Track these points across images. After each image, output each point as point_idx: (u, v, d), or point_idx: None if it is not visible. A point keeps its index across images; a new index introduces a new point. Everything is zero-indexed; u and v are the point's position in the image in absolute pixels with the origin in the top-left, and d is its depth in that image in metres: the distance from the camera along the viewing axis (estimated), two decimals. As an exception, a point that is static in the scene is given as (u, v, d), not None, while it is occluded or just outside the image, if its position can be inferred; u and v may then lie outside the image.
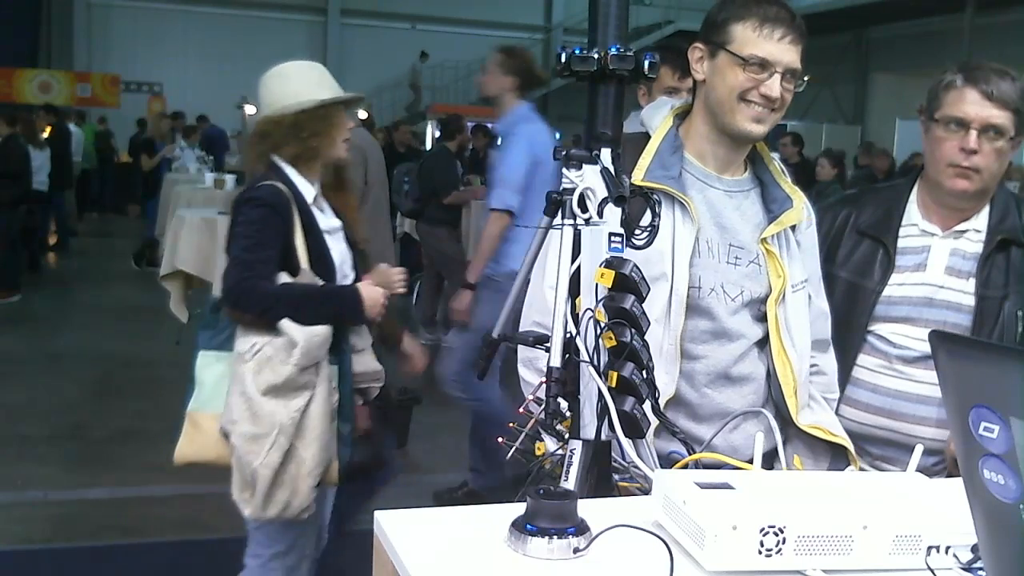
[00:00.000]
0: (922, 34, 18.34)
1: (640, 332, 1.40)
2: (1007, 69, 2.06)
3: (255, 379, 2.39)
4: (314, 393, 2.41)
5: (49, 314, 8.91)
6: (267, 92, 2.65)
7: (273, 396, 2.38)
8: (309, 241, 2.51)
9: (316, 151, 2.57)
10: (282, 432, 2.37)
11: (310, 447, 2.39)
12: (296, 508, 2.42)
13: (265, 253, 2.46)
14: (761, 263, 1.84)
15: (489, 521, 1.25)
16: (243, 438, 2.40)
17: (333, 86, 2.65)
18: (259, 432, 2.38)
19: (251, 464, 2.38)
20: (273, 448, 2.37)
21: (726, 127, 1.80)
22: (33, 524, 4.17)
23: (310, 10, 24.17)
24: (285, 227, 2.48)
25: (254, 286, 2.43)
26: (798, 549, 1.16)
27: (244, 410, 2.40)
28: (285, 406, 2.38)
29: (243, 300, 2.44)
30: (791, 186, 1.91)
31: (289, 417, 2.37)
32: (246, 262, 2.46)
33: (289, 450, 2.38)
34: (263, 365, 2.39)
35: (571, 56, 1.47)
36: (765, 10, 1.76)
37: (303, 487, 2.40)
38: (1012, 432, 0.83)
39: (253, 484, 2.40)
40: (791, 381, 1.84)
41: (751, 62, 1.75)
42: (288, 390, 2.39)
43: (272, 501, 2.40)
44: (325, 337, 2.42)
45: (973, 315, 2.09)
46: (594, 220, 1.42)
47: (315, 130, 2.56)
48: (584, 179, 1.43)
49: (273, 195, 2.50)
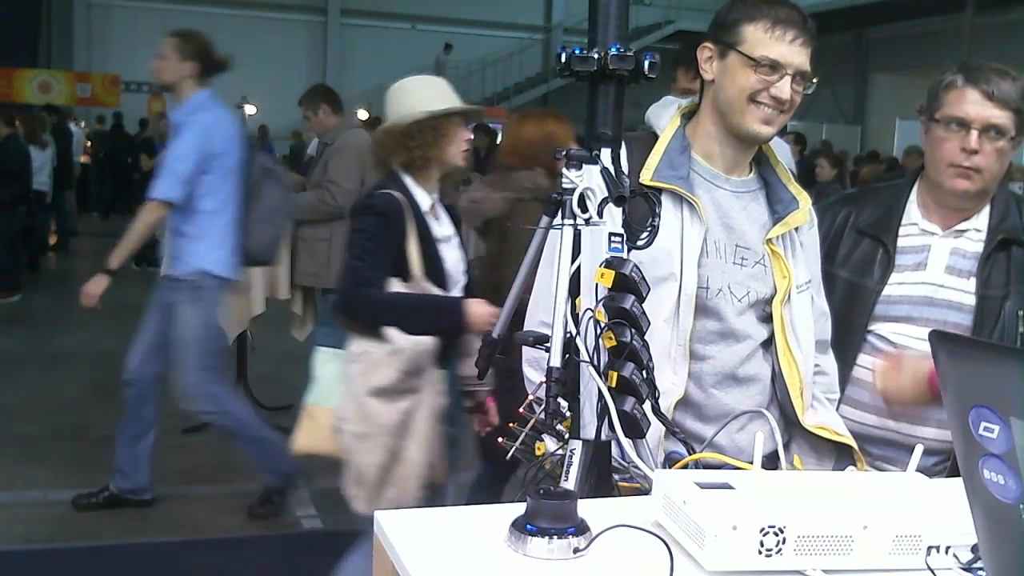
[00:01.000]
0: (922, 34, 18.35)
1: (640, 332, 1.40)
2: (1007, 69, 2.06)
3: (363, 380, 2.49)
4: (420, 396, 2.51)
5: (49, 314, 8.91)
6: (389, 105, 2.78)
7: (379, 398, 2.48)
8: (423, 248, 2.60)
9: (427, 160, 2.67)
10: (387, 432, 2.47)
11: (416, 448, 2.49)
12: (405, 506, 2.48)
13: (376, 261, 2.56)
14: (767, 264, 1.84)
15: (489, 521, 1.25)
16: (352, 436, 2.51)
17: (451, 99, 2.74)
18: (366, 431, 2.48)
19: (359, 462, 2.49)
20: (380, 448, 2.47)
21: (735, 128, 1.80)
22: (33, 524, 4.17)
23: (310, 10, 24.17)
24: (399, 235, 2.57)
25: (365, 295, 2.54)
26: (798, 549, 1.16)
27: (353, 409, 2.50)
28: (390, 408, 2.47)
29: (353, 309, 2.56)
30: (797, 187, 1.91)
31: (394, 418, 2.47)
32: (358, 271, 2.56)
33: (395, 450, 2.48)
34: (371, 368, 2.49)
35: (571, 56, 1.47)
36: (777, 11, 1.75)
37: (410, 486, 2.49)
38: (1012, 432, 0.83)
39: (362, 481, 2.50)
40: (797, 382, 1.84)
41: (762, 63, 1.74)
42: (393, 393, 2.48)
43: (381, 498, 2.49)
44: (430, 345, 2.51)
45: (973, 315, 2.09)
46: (594, 220, 1.42)
47: (424, 140, 2.66)
48: (584, 179, 1.43)
49: (387, 203, 2.60)
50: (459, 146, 2.69)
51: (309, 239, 5.32)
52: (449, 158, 2.68)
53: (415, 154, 2.65)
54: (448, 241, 2.72)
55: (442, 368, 2.57)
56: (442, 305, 2.60)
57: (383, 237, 2.57)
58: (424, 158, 2.66)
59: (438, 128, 2.66)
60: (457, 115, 2.70)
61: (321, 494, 4.60)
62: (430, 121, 2.66)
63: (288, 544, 4.14)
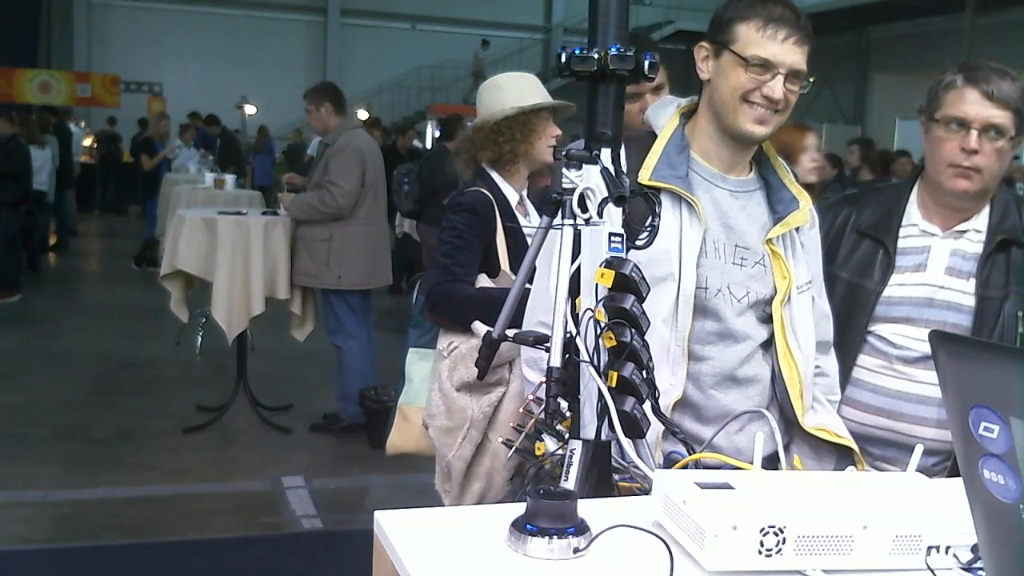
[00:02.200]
0: (922, 34, 18.35)
1: (640, 332, 1.40)
2: (1007, 69, 2.06)
3: (450, 375, 2.51)
4: (507, 389, 2.50)
5: (49, 314, 8.91)
6: (480, 102, 2.82)
7: (466, 392, 2.49)
8: (510, 243, 2.63)
9: (514, 155, 2.71)
10: (473, 426, 2.47)
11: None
12: (492, 500, 2.49)
13: (465, 257, 2.61)
14: (766, 264, 1.84)
15: (489, 521, 1.25)
16: (439, 431, 2.51)
17: (541, 94, 2.76)
18: (452, 425, 2.49)
19: (446, 456, 2.50)
20: (465, 441, 2.48)
21: (729, 128, 1.80)
22: (33, 524, 4.17)
23: (310, 10, 24.20)
24: (487, 230, 2.62)
25: (452, 290, 2.57)
26: (798, 549, 1.16)
27: (440, 404, 2.52)
28: (477, 401, 2.49)
29: (441, 303, 2.58)
30: (797, 187, 1.91)
31: (480, 412, 2.48)
32: (446, 267, 2.62)
33: (482, 443, 2.49)
34: (458, 362, 2.51)
35: (571, 56, 1.47)
36: (770, 10, 1.74)
37: (498, 479, 2.49)
38: (1012, 432, 0.83)
39: (449, 475, 2.50)
40: (797, 383, 1.83)
41: (753, 63, 1.74)
42: (480, 387, 2.49)
43: (468, 492, 2.50)
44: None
45: (973, 315, 2.09)
46: (594, 220, 1.42)
47: (512, 135, 2.71)
48: (584, 179, 1.43)
49: (476, 200, 2.66)
50: (547, 141, 2.72)
51: (309, 239, 5.33)
52: (537, 153, 2.72)
53: (504, 149, 2.71)
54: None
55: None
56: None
57: (471, 234, 2.63)
58: (512, 153, 2.71)
59: (527, 123, 2.71)
60: (546, 110, 2.73)
61: (321, 494, 4.61)
62: (520, 117, 2.71)
63: (288, 544, 4.14)
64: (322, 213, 5.24)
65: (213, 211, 6.00)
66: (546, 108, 2.75)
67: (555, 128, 2.74)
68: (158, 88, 21.40)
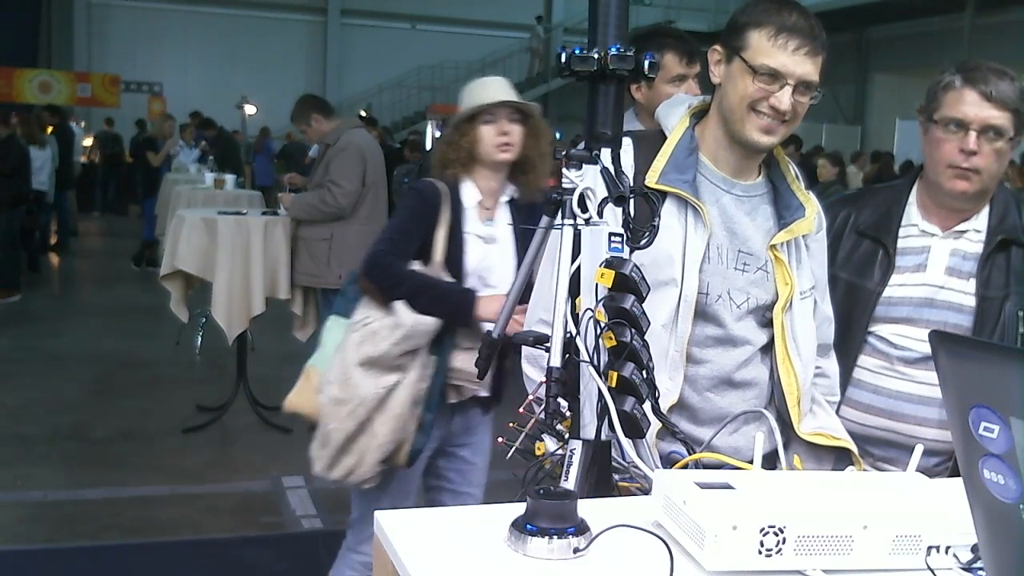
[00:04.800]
0: (922, 34, 18.36)
1: (640, 332, 1.40)
2: (1006, 69, 2.06)
3: (357, 349, 2.56)
4: (405, 376, 2.57)
5: (49, 314, 8.91)
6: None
7: (367, 368, 2.55)
8: (450, 240, 2.66)
9: (460, 159, 2.72)
10: (363, 404, 2.54)
11: (386, 424, 2.56)
12: (359, 477, 2.59)
13: (407, 236, 2.68)
14: (769, 270, 1.82)
15: (489, 521, 1.25)
16: (329, 399, 2.58)
17: (491, 95, 2.74)
18: (343, 397, 2.55)
19: (327, 424, 2.57)
20: (350, 416, 2.55)
21: (736, 135, 1.78)
22: (33, 524, 4.17)
23: (310, 10, 24.19)
24: (430, 220, 2.66)
25: (388, 262, 2.65)
26: (798, 549, 1.16)
27: (339, 374, 2.57)
28: (374, 381, 2.55)
29: (374, 271, 2.65)
30: (805, 194, 1.88)
31: (374, 392, 2.54)
32: (389, 239, 2.71)
33: (365, 422, 2.55)
34: (367, 338, 2.56)
35: (571, 56, 1.47)
36: (784, 19, 1.71)
37: (369, 459, 2.57)
38: (1012, 432, 0.83)
39: (327, 444, 2.57)
40: (795, 391, 1.82)
41: (761, 72, 1.71)
42: (381, 367, 2.55)
43: (338, 464, 2.58)
44: (431, 327, 2.58)
45: (974, 315, 2.09)
46: (594, 220, 1.42)
47: (455, 140, 2.73)
48: (584, 179, 1.43)
49: (427, 187, 2.73)
50: (490, 142, 2.70)
51: (309, 239, 5.33)
52: (483, 155, 2.71)
53: (449, 154, 2.74)
54: (491, 241, 2.75)
55: (434, 354, 2.63)
56: (456, 291, 2.64)
57: (417, 216, 2.69)
58: (463, 155, 2.72)
59: (463, 128, 2.72)
60: (503, 109, 2.71)
61: (321, 494, 4.61)
62: (462, 122, 2.73)
63: (288, 544, 4.14)
64: (323, 213, 5.25)
65: (213, 211, 6.00)
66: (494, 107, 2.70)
67: (505, 126, 2.70)
68: (158, 88, 21.40)
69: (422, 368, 2.61)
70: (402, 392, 2.57)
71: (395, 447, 2.60)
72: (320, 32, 24.30)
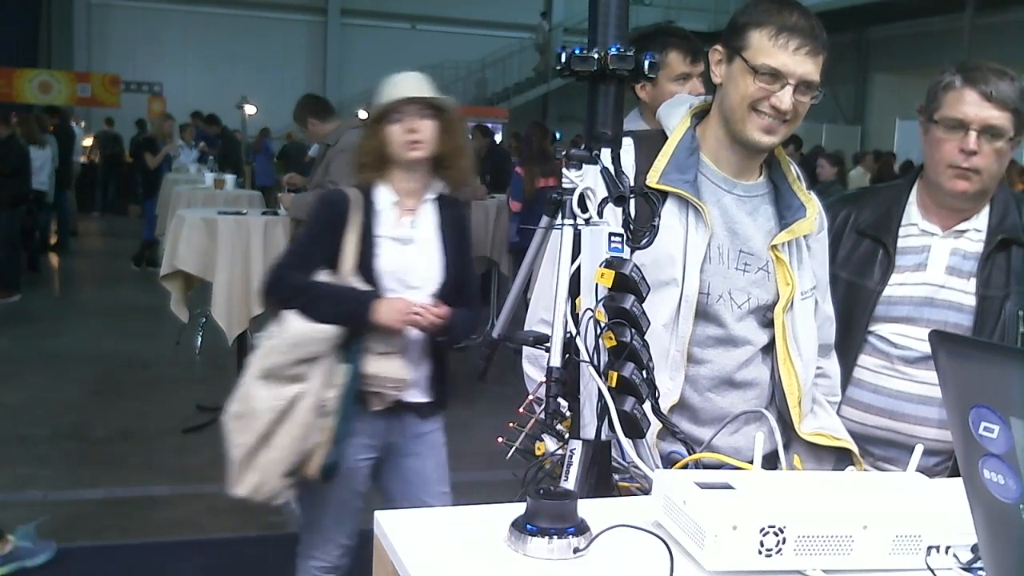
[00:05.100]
0: (922, 34, 18.36)
1: (640, 332, 1.40)
2: (1006, 69, 2.06)
3: (259, 362, 2.53)
4: (307, 386, 2.51)
5: (49, 314, 8.91)
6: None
7: (264, 381, 2.51)
8: (361, 245, 2.60)
9: (379, 158, 2.66)
10: (258, 417, 2.49)
11: (287, 436, 2.50)
12: (266, 493, 2.55)
13: (308, 248, 2.66)
14: (770, 270, 1.82)
15: (489, 521, 1.25)
16: (230, 414, 2.56)
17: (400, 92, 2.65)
18: (241, 411, 2.53)
19: (231, 441, 2.54)
20: (247, 430, 2.51)
21: (737, 135, 1.78)
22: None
23: (310, 10, 24.18)
24: (337, 228, 2.60)
25: (283, 276, 2.64)
26: (798, 549, 1.16)
27: (241, 390, 2.55)
28: (272, 393, 2.50)
29: (271, 287, 2.65)
30: (806, 194, 1.88)
31: (271, 404, 2.49)
32: (290, 253, 2.71)
33: (266, 435, 2.49)
34: (267, 351, 2.54)
35: (571, 56, 1.47)
36: (785, 18, 1.71)
37: (273, 473, 2.51)
38: (1012, 432, 0.83)
39: (231, 460, 2.55)
40: (796, 391, 1.82)
41: (762, 72, 1.71)
42: (279, 378, 2.51)
43: (242, 481, 2.54)
44: (326, 335, 2.52)
45: (974, 315, 2.09)
46: (594, 220, 1.42)
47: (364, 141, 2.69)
48: (584, 179, 1.43)
49: (331, 196, 2.71)
50: (399, 141, 2.61)
51: (309, 239, 5.33)
52: (394, 156, 2.63)
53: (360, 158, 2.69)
54: (408, 243, 2.65)
55: (345, 362, 2.55)
56: (352, 296, 2.57)
57: (319, 225, 2.66)
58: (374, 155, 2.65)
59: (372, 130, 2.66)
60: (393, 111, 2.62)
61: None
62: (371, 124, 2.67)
63: (288, 544, 4.13)
64: (322, 213, 5.26)
65: (213, 211, 6.00)
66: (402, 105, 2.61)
67: (414, 123, 2.60)
68: (158, 88, 21.40)
69: (326, 377, 2.53)
70: (304, 403, 2.50)
71: (300, 459, 2.52)
72: (320, 32, 24.30)
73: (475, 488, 3.85)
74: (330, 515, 2.77)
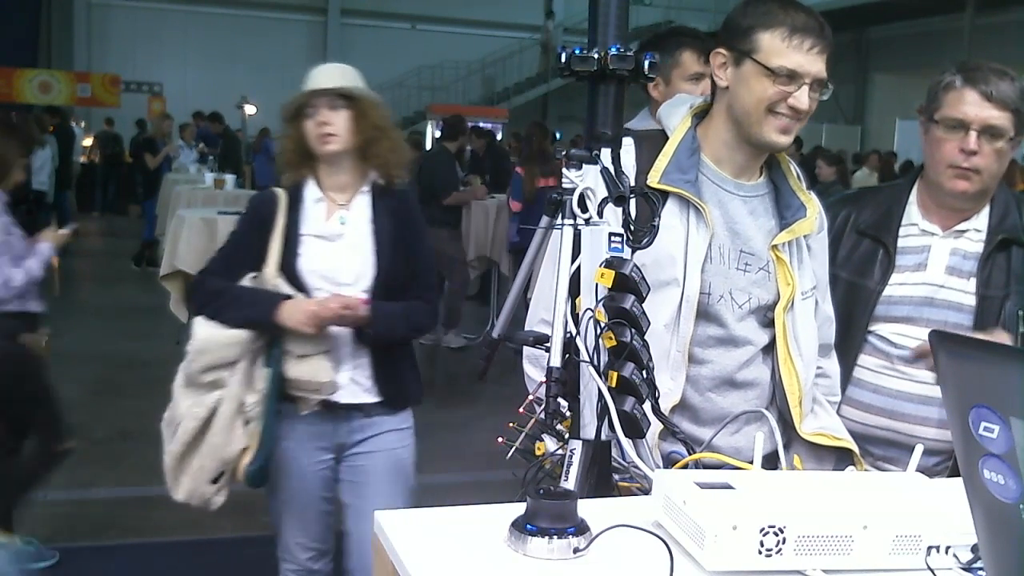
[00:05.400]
0: (922, 34, 18.37)
1: (640, 332, 1.40)
2: (1006, 69, 2.06)
3: (181, 369, 2.56)
4: (225, 391, 2.50)
5: (49, 314, 8.90)
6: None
7: (186, 388, 2.53)
8: (285, 245, 2.55)
9: (300, 155, 2.60)
10: (183, 424, 2.50)
11: (208, 444, 2.50)
12: (200, 498, 2.56)
13: (229, 252, 2.64)
14: (770, 270, 1.82)
15: (489, 521, 1.25)
16: (163, 421, 2.57)
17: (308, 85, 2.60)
18: (169, 419, 2.55)
19: (164, 449, 2.54)
20: (175, 439, 2.51)
21: (752, 137, 1.77)
22: (33, 524, 4.16)
23: (310, 10, 24.17)
24: (263, 229, 2.56)
25: (201, 282, 2.63)
26: (798, 549, 1.16)
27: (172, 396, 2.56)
28: (193, 400, 2.51)
29: (192, 294, 2.65)
30: (806, 194, 1.88)
31: (192, 412, 2.49)
32: (214, 259, 2.66)
33: (192, 442, 2.50)
34: (189, 358, 2.54)
35: (571, 56, 1.47)
36: (794, 19, 1.71)
37: (202, 479, 2.52)
38: (1012, 432, 0.83)
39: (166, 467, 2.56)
40: (796, 391, 1.82)
41: (780, 74, 1.71)
42: (197, 385, 2.52)
43: (178, 487, 2.56)
44: (232, 340, 2.49)
45: (974, 315, 2.09)
46: (594, 220, 1.42)
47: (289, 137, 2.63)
48: (584, 179, 1.43)
49: (261, 196, 2.68)
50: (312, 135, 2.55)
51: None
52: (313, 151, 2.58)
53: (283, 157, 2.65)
54: (335, 239, 2.58)
55: (266, 367, 2.51)
56: (258, 298, 2.51)
57: (242, 229, 2.65)
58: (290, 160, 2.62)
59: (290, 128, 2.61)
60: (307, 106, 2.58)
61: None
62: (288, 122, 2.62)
63: (288, 544, 4.14)
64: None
65: (213, 211, 6.01)
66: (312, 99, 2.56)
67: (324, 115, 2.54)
68: (158, 88, 21.39)
69: (246, 382, 2.50)
70: (224, 408, 2.48)
71: (225, 465, 2.51)
72: (320, 32, 24.28)
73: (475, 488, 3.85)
74: (291, 519, 2.75)
